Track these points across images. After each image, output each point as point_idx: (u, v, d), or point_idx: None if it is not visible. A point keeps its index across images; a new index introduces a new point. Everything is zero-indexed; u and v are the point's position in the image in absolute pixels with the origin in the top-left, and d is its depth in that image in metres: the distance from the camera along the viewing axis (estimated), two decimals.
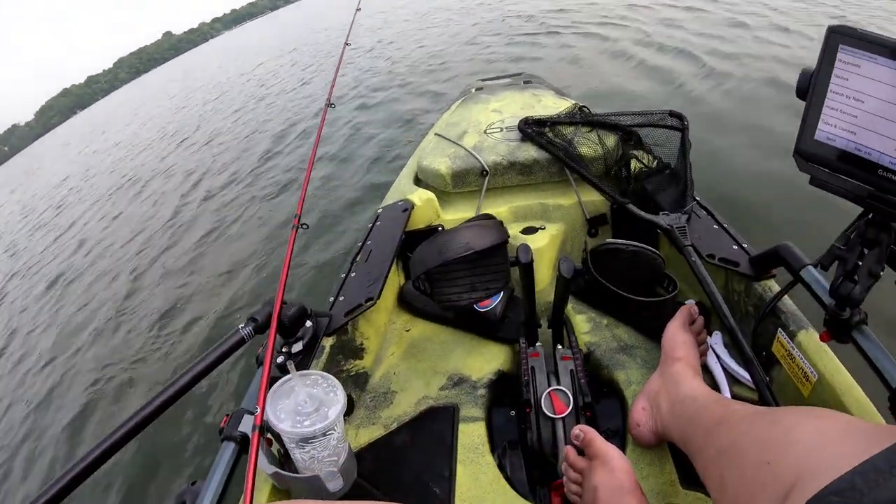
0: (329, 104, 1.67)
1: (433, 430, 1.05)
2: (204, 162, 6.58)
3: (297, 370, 0.90)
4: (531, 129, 1.56)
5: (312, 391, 0.77)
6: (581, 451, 0.82)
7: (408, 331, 1.35)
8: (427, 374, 1.19)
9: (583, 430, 0.81)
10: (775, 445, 0.55)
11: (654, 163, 1.35)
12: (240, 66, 16.08)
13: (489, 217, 1.02)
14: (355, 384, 1.17)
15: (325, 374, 0.79)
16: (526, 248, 0.97)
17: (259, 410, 0.71)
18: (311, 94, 7.85)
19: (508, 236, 0.98)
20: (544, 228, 1.45)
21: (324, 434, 0.74)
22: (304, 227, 1.17)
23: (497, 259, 0.96)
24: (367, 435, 1.07)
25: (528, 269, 0.98)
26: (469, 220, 1.01)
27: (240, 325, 0.84)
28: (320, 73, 9.21)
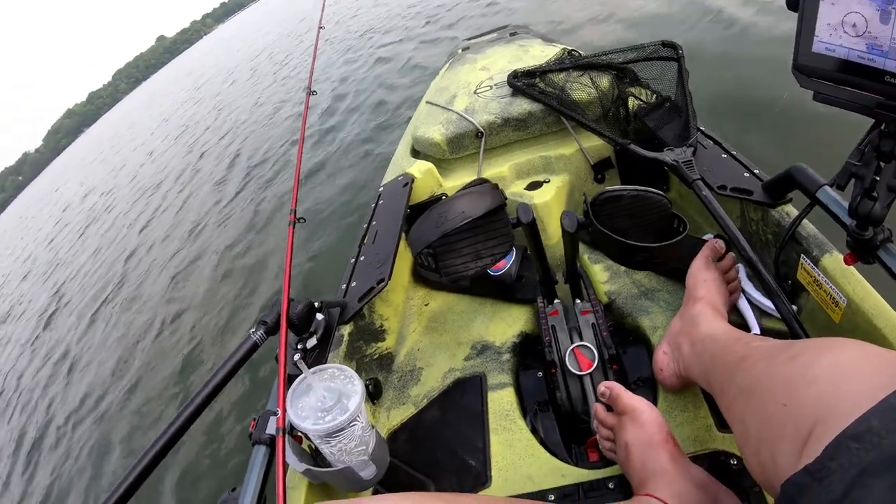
0: (310, 92, 1.63)
1: (462, 402, 1.05)
2: (188, 165, 6.64)
3: (314, 364, 0.90)
4: (521, 82, 1.50)
5: (331, 385, 0.77)
6: (610, 407, 0.81)
7: (426, 305, 1.34)
8: (451, 346, 1.19)
9: (608, 387, 0.80)
10: (793, 385, 0.52)
11: (653, 98, 1.29)
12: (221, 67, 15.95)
13: (483, 182, 0.99)
14: (380, 367, 1.17)
15: (341, 366, 0.79)
16: (525, 207, 0.94)
17: (280, 412, 0.71)
18: (298, 80, 7.76)
19: (505, 198, 0.95)
20: (549, 181, 1.41)
21: (349, 424, 0.74)
22: (301, 221, 1.15)
23: (497, 223, 0.94)
24: (399, 416, 1.07)
25: (531, 229, 0.95)
26: (462, 189, 0.98)
27: (251, 331, 0.84)
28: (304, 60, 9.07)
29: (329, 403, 0.74)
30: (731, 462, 0.78)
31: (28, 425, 3.69)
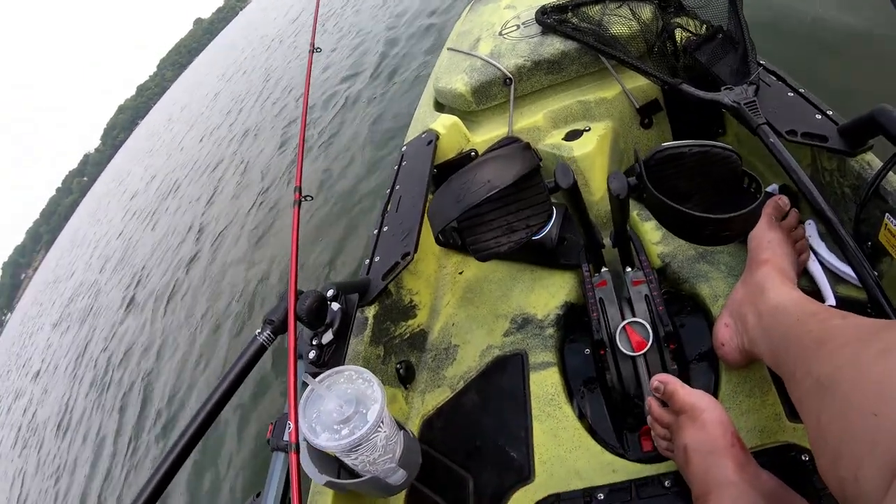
0: (314, 49, 1.51)
1: (502, 384, 0.97)
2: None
3: (333, 360, 0.83)
4: (551, 18, 1.33)
5: (347, 390, 0.69)
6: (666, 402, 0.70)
7: (461, 273, 1.26)
8: (488, 319, 1.10)
9: (663, 381, 0.69)
10: (885, 389, 0.42)
11: (703, 28, 1.11)
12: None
13: (512, 141, 0.86)
14: (412, 347, 1.10)
15: (358, 368, 0.71)
16: (564, 168, 0.81)
17: (292, 426, 0.64)
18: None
19: (540, 158, 0.82)
20: (589, 130, 1.25)
21: (371, 435, 0.66)
22: (308, 199, 1.06)
23: (531, 190, 0.82)
24: (434, 400, 1.01)
25: (572, 193, 0.83)
26: (487, 150, 0.86)
27: (257, 331, 0.77)
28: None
29: (348, 412, 0.67)
30: (803, 458, 0.68)
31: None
